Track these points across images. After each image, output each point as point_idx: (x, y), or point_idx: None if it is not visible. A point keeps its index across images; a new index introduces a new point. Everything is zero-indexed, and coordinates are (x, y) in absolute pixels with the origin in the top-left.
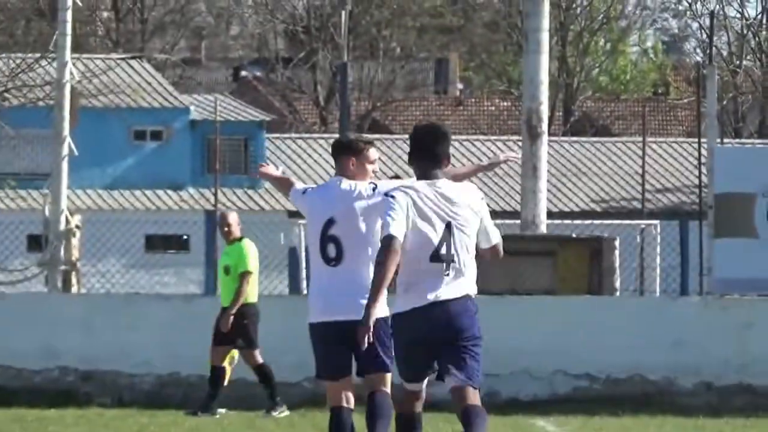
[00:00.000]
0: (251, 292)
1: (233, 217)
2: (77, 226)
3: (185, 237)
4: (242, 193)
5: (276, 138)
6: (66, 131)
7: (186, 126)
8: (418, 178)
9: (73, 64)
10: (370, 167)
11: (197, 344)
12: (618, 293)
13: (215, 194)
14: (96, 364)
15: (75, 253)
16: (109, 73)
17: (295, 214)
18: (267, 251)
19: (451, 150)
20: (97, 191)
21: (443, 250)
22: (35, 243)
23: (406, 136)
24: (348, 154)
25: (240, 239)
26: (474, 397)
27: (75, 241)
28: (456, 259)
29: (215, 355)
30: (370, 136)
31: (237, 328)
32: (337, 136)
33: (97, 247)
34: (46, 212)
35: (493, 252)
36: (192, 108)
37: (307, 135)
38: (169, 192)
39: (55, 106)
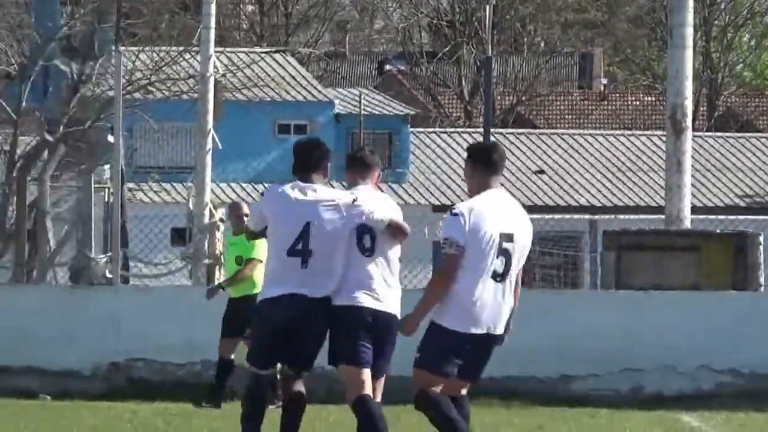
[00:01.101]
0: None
1: (247, 208)
2: (221, 220)
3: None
4: (386, 188)
5: (420, 132)
6: (210, 125)
7: (330, 120)
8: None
9: (217, 58)
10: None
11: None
12: (762, 288)
13: None
14: (239, 357)
15: (219, 247)
16: (253, 67)
17: (439, 209)
18: (411, 245)
19: (596, 144)
20: (241, 185)
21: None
22: (179, 236)
23: (551, 130)
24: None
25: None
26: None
27: (219, 235)
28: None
29: (224, 347)
30: None
31: (246, 319)
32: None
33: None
34: (190, 206)
35: (393, 230)
36: (336, 102)
37: (451, 129)
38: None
39: (199, 99)
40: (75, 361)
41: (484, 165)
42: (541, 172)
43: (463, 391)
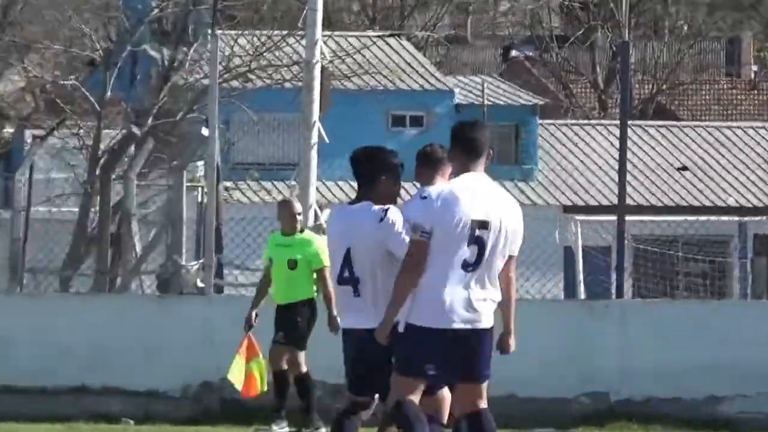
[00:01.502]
0: (312, 286)
1: (299, 207)
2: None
3: None
4: (512, 186)
5: (550, 124)
6: (315, 116)
7: (450, 111)
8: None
9: (324, 42)
10: None
11: None
12: None
13: None
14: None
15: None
16: (364, 52)
17: (570, 209)
18: (539, 251)
19: (745, 138)
20: (350, 183)
21: None
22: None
23: (695, 123)
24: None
25: (302, 230)
26: None
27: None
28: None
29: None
30: None
31: (291, 324)
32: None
33: None
34: None
35: None
36: (457, 91)
37: (584, 121)
38: None
39: (304, 88)
40: (162, 380)
41: (462, 146)
42: (684, 169)
43: (482, 404)
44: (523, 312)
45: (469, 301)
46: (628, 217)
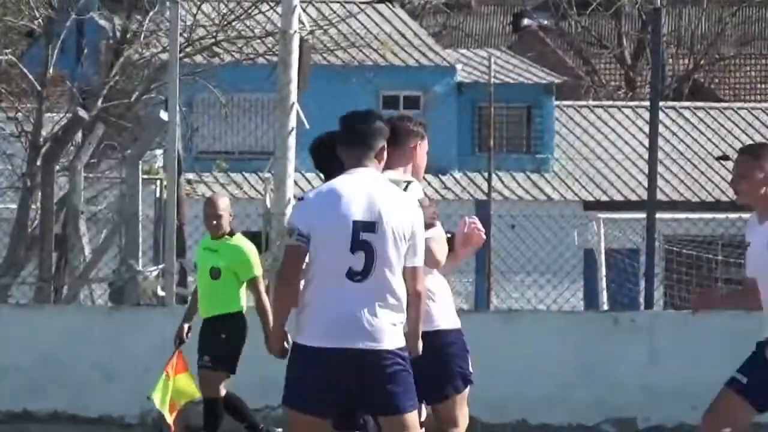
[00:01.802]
0: (240, 298)
1: (225, 203)
2: None
3: (449, 235)
4: (524, 178)
5: (568, 106)
6: (293, 97)
7: (451, 90)
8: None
9: (304, 10)
10: None
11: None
12: None
13: (489, 180)
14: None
15: None
16: (351, 22)
17: (591, 206)
18: (556, 254)
19: None
20: None
21: None
22: (252, 243)
23: (737, 104)
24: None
25: (232, 233)
26: None
27: None
28: None
29: (214, 383)
30: None
31: (213, 343)
32: (647, 103)
33: None
34: (268, 203)
35: None
36: (459, 67)
37: (608, 102)
38: (429, 177)
39: (279, 63)
40: (117, 404)
41: (351, 139)
42: (725, 158)
43: None
44: (536, 325)
45: (360, 317)
46: (658, 215)
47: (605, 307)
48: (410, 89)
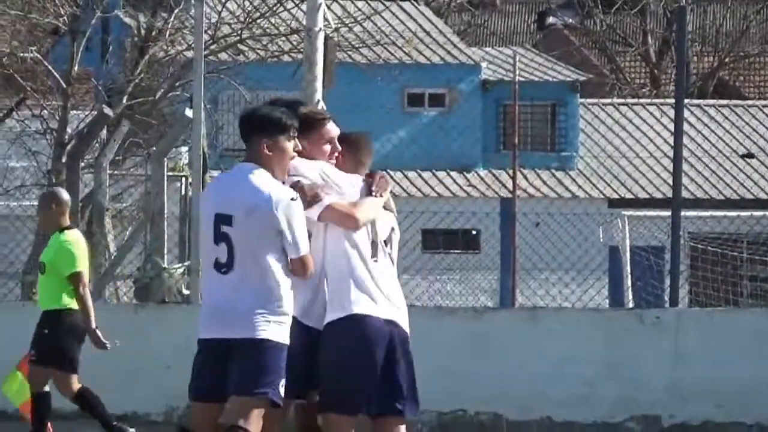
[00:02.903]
0: (63, 295)
1: (61, 197)
2: None
3: (474, 232)
4: (548, 176)
5: (593, 104)
6: (318, 94)
7: (475, 88)
8: None
9: (328, 7)
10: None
11: (491, 371)
12: None
13: (513, 177)
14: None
15: None
16: (376, 19)
17: (616, 204)
18: (581, 251)
19: None
20: None
21: None
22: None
23: (762, 101)
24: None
25: (62, 228)
26: None
27: None
28: None
29: (38, 378)
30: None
31: (38, 338)
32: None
33: None
34: None
35: None
36: (483, 65)
37: (633, 100)
38: (453, 174)
39: (304, 61)
40: (142, 401)
41: (241, 133)
42: (750, 156)
43: (235, 422)
44: (561, 322)
45: (228, 306)
46: (684, 212)
47: (630, 304)
48: (435, 87)
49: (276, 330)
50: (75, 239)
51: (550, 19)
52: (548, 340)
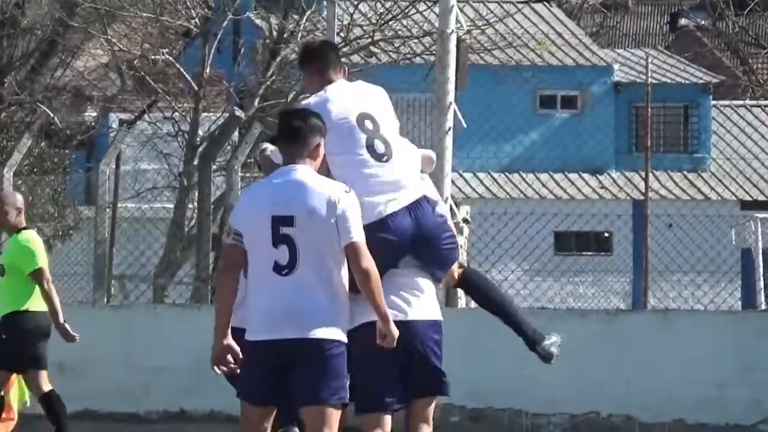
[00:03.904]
0: (26, 297)
1: (11, 199)
2: (465, 220)
3: (606, 234)
4: (681, 178)
5: (725, 106)
6: (450, 96)
7: (608, 90)
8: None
9: (461, 10)
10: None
11: (623, 374)
12: None
13: (645, 179)
14: (488, 400)
15: (463, 256)
16: (508, 21)
17: (749, 206)
18: (713, 253)
19: None
20: (491, 175)
21: None
22: None
23: None
24: None
25: (21, 229)
26: None
27: (462, 240)
28: None
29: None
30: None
31: (7, 344)
32: None
33: (491, 248)
34: None
35: None
36: (615, 67)
37: (766, 102)
38: (586, 176)
39: (437, 63)
40: None
41: (285, 135)
42: None
43: None
44: (693, 324)
45: (289, 309)
46: None
47: (763, 306)
48: (567, 89)
49: (341, 330)
50: (33, 238)
51: (683, 21)
52: (680, 342)
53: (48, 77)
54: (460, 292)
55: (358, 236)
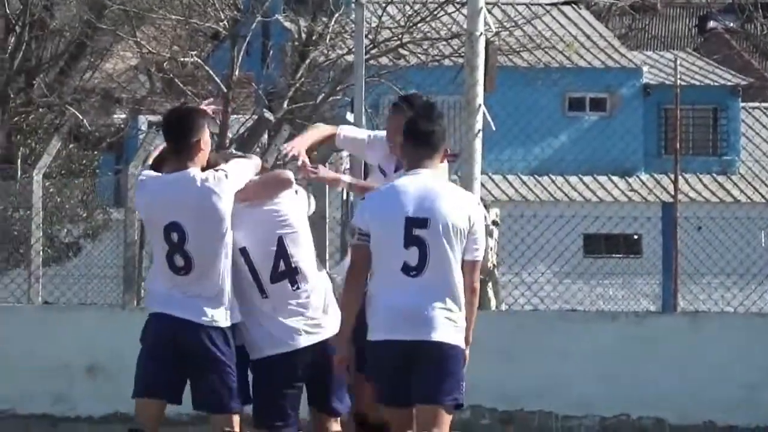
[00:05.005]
0: None
1: None
2: (495, 223)
3: (636, 236)
4: (710, 180)
5: (755, 108)
6: (479, 98)
7: (637, 92)
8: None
9: (489, 12)
10: None
11: (653, 376)
12: None
13: (675, 181)
14: (519, 402)
15: (492, 258)
16: (536, 23)
17: None
18: (743, 255)
19: None
20: (521, 177)
21: None
22: None
23: None
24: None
25: None
26: None
27: (492, 242)
28: None
29: None
30: None
31: None
32: None
33: (520, 250)
34: None
35: None
36: (645, 69)
37: None
38: (615, 178)
39: (466, 65)
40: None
41: (414, 140)
42: None
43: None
44: (723, 327)
45: (416, 310)
46: None
47: None
48: (596, 91)
49: (461, 334)
50: None
51: (711, 23)
52: (710, 344)
53: (77, 79)
54: (491, 293)
55: (481, 255)
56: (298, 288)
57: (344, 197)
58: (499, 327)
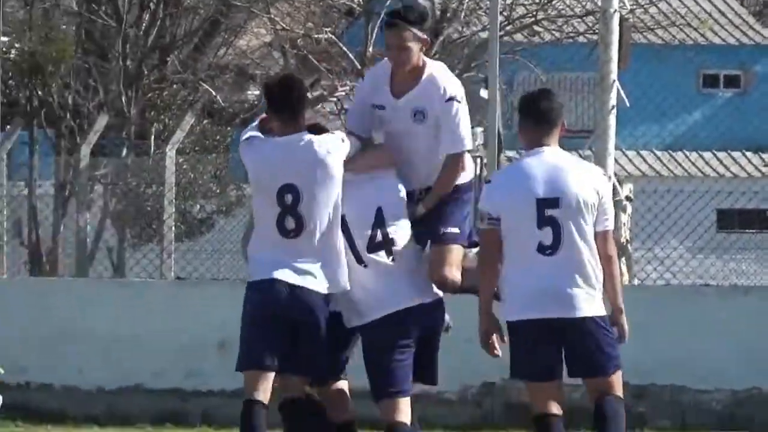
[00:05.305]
0: None
1: None
2: (628, 198)
3: None
4: None
5: None
6: (613, 75)
7: None
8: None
9: None
10: None
11: None
12: None
13: None
14: (651, 376)
15: (625, 233)
16: (671, 0)
17: None
18: None
19: None
20: (655, 153)
21: None
22: None
23: None
24: None
25: None
26: None
27: (625, 218)
28: None
29: None
30: None
31: None
32: None
33: (653, 226)
34: None
35: None
36: None
37: None
38: (749, 154)
39: (600, 42)
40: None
41: (530, 117)
42: None
43: (613, 392)
44: None
45: (555, 287)
46: None
47: None
48: (730, 68)
49: (601, 305)
50: None
51: None
52: None
53: (211, 56)
54: (624, 268)
55: (612, 224)
56: (393, 259)
57: (477, 172)
58: (632, 301)
